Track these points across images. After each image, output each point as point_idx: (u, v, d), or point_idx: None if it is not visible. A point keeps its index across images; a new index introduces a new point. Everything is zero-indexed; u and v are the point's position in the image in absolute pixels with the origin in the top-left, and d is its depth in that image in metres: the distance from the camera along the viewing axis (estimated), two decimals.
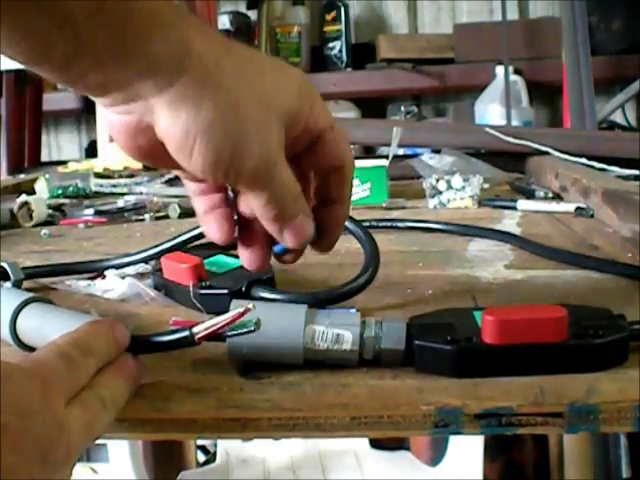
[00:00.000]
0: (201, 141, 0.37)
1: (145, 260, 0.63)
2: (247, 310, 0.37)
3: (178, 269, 0.54)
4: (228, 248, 0.51)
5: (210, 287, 0.52)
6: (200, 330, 0.38)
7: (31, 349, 0.43)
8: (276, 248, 0.46)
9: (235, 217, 0.45)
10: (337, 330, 0.40)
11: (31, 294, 0.45)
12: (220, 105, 0.37)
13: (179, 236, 0.65)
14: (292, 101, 0.40)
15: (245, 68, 0.39)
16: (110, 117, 0.39)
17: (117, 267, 0.62)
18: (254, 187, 0.40)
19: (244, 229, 0.45)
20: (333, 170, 0.44)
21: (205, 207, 0.44)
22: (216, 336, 0.38)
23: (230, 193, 0.45)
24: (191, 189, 0.45)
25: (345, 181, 0.45)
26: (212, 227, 0.44)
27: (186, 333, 0.38)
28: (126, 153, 0.41)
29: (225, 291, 0.51)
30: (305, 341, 0.40)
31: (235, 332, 0.38)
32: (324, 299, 0.50)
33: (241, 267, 0.44)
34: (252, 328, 0.37)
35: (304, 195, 0.43)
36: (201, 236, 0.63)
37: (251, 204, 0.41)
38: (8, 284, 0.57)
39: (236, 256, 0.44)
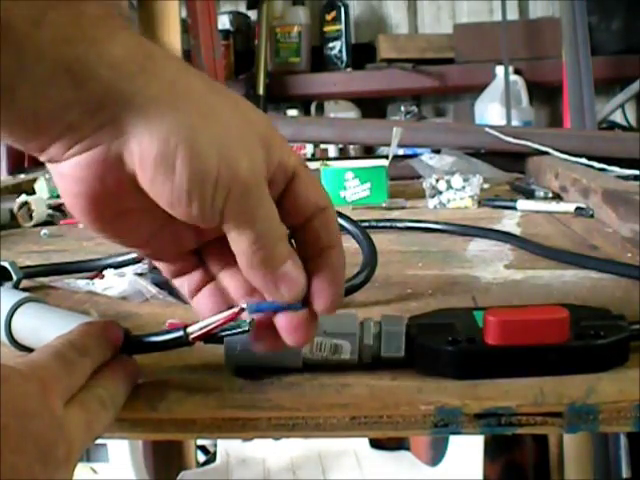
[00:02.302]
0: (184, 148, 0.32)
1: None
2: (241, 310, 0.37)
3: None
4: None
5: None
6: (194, 330, 0.38)
7: (27, 349, 0.43)
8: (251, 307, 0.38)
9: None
10: (335, 341, 0.40)
11: (26, 294, 0.45)
12: (200, 110, 0.33)
13: None
14: (266, 128, 0.36)
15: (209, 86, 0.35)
16: (64, 170, 0.33)
17: (115, 266, 0.62)
18: (242, 215, 0.34)
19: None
20: (316, 213, 0.37)
21: (190, 288, 0.39)
22: (210, 336, 0.38)
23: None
24: (168, 271, 0.40)
25: (332, 222, 0.38)
26: (206, 306, 0.39)
27: (180, 333, 0.38)
28: (85, 222, 0.35)
29: None
30: (303, 352, 0.40)
31: (229, 332, 0.38)
32: None
33: None
34: (246, 328, 0.37)
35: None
36: None
37: (236, 248, 0.35)
38: (9, 284, 0.57)
39: None
